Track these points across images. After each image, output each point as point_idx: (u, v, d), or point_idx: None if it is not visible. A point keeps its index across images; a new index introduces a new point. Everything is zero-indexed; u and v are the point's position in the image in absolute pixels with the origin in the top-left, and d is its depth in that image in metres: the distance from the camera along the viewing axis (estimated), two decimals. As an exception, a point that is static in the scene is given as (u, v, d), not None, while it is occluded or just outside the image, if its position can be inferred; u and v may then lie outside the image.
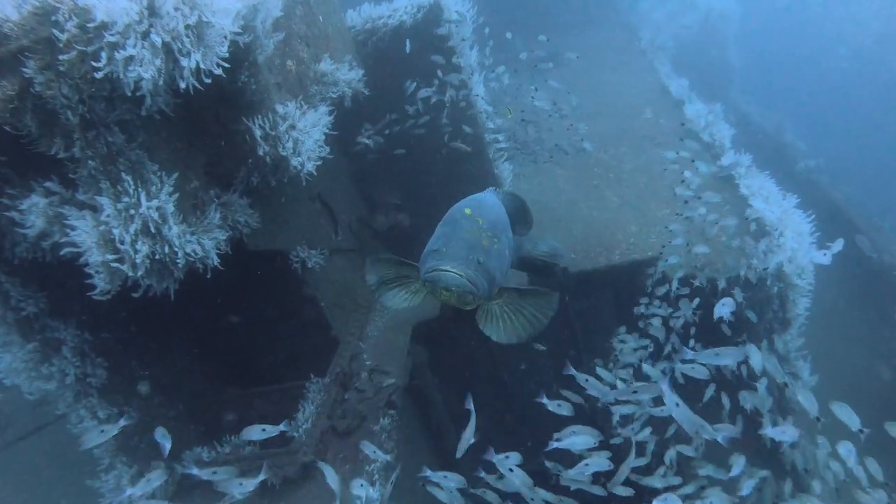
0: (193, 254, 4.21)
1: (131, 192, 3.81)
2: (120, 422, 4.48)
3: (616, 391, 4.66)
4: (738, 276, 5.64)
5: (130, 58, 3.32)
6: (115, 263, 3.83)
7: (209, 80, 3.72)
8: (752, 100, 15.67)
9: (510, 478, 4.37)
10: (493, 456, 4.39)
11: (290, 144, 4.70)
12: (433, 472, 4.45)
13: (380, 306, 7.00)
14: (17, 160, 3.75)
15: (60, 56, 3.16)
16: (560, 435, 4.49)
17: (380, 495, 4.99)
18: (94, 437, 4.50)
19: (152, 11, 3.36)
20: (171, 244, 4.04)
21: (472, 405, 4.28)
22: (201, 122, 4.50)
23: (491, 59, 8.47)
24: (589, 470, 4.52)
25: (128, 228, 3.79)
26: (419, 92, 6.74)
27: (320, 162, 5.01)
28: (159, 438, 4.40)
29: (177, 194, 4.08)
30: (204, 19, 3.53)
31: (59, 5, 3.17)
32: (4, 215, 3.90)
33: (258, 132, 4.49)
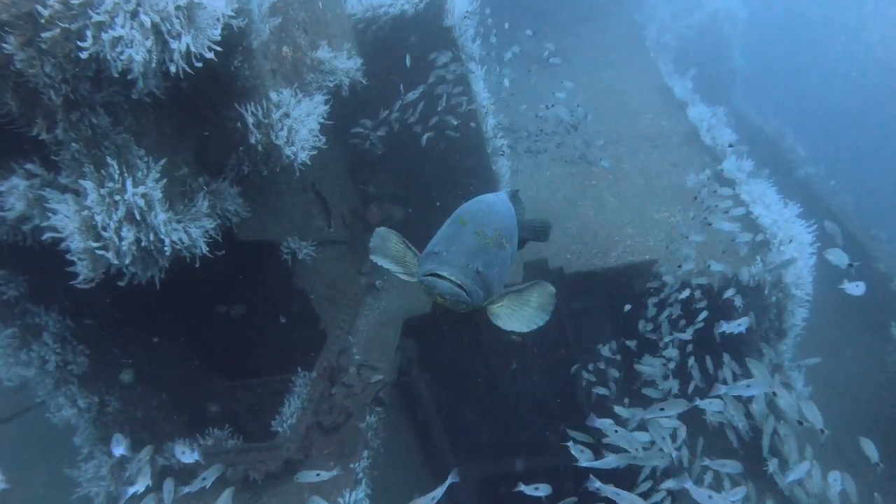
0: (180, 242, 4.09)
1: (116, 177, 3.67)
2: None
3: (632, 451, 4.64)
4: (740, 283, 5.55)
5: (119, 38, 3.18)
6: (99, 251, 3.71)
7: (200, 65, 3.59)
8: (753, 104, 15.57)
9: None
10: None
11: (283, 133, 4.57)
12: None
13: (371, 299, 6.91)
14: (-3, 140, 3.62)
15: (43, 33, 3.01)
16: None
17: (366, 495, 4.92)
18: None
19: (140, -11, 3.22)
20: (156, 232, 3.91)
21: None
22: (192, 107, 4.36)
23: (493, 52, 8.31)
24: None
25: (111, 215, 3.66)
26: (411, 92, 6.57)
27: (315, 152, 4.88)
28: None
29: (164, 181, 3.94)
30: (195, 0, 3.39)
31: (42, -21, 3.03)
32: (-17, 197, 3.77)
33: (251, 119, 4.36)
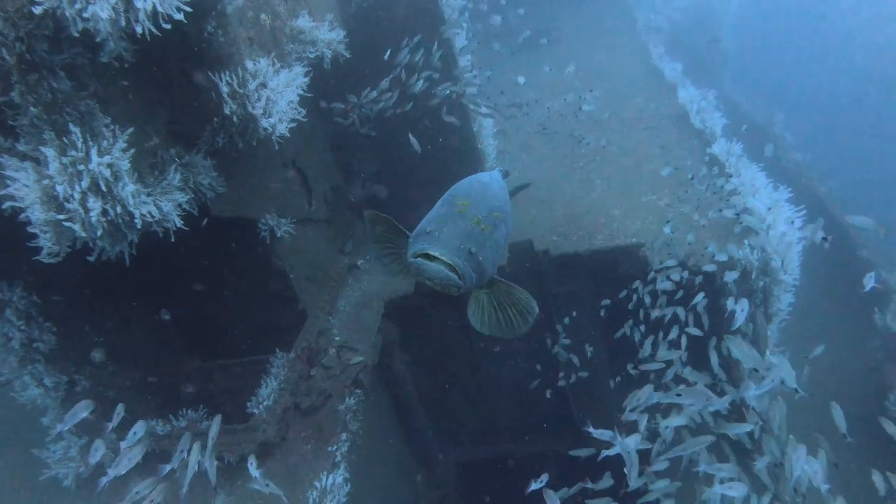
0: (150, 216, 3.91)
1: (80, 145, 3.48)
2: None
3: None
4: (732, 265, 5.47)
5: (78, -6, 2.98)
6: (67, 223, 3.52)
7: (169, 27, 3.39)
8: (742, 88, 15.49)
9: None
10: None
11: (260, 104, 4.37)
12: None
13: (352, 280, 6.76)
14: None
15: (-6, -14, 2.81)
16: None
17: (343, 479, 4.81)
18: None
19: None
20: (124, 204, 3.73)
21: None
22: (163, 75, 4.15)
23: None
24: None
25: (74, 185, 3.47)
26: (396, 65, 6.33)
27: (294, 124, 4.68)
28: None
29: (132, 151, 3.75)
30: (162, -44, 3.19)
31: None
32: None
33: (225, 89, 4.16)
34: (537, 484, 4.50)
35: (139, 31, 3.28)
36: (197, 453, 4.09)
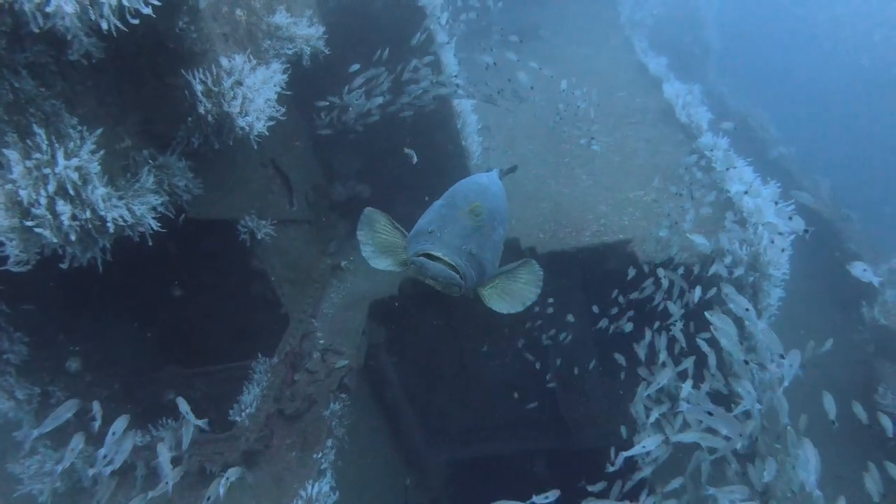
0: (122, 220, 3.75)
1: (45, 147, 3.32)
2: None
3: None
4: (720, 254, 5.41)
5: (38, -13, 2.82)
6: (37, 229, 3.36)
7: (137, 22, 3.23)
8: (728, 83, 15.48)
9: None
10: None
11: (236, 102, 4.22)
12: None
13: (336, 281, 6.62)
14: None
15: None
16: None
17: (330, 488, 4.69)
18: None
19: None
20: (94, 209, 3.58)
21: None
22: (135, 73, 3.99)
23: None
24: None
25: (40, 190, 3.31)
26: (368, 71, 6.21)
27: (272, 123, 4.55)
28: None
29: (102, 153, 3.59)
30: (126, -53, 3.04)
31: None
32: None
33: (199, 87, 4.01)
34: (543, 499, 4.32)
35: (104, 26, 3.12)
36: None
